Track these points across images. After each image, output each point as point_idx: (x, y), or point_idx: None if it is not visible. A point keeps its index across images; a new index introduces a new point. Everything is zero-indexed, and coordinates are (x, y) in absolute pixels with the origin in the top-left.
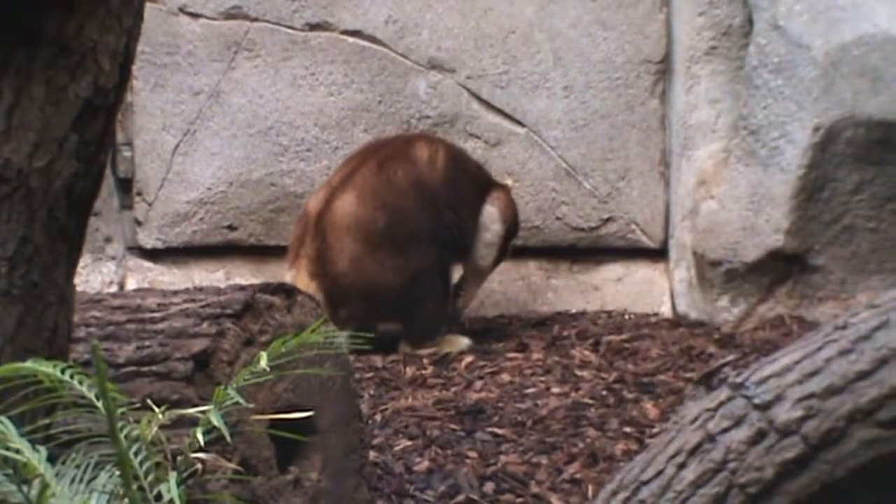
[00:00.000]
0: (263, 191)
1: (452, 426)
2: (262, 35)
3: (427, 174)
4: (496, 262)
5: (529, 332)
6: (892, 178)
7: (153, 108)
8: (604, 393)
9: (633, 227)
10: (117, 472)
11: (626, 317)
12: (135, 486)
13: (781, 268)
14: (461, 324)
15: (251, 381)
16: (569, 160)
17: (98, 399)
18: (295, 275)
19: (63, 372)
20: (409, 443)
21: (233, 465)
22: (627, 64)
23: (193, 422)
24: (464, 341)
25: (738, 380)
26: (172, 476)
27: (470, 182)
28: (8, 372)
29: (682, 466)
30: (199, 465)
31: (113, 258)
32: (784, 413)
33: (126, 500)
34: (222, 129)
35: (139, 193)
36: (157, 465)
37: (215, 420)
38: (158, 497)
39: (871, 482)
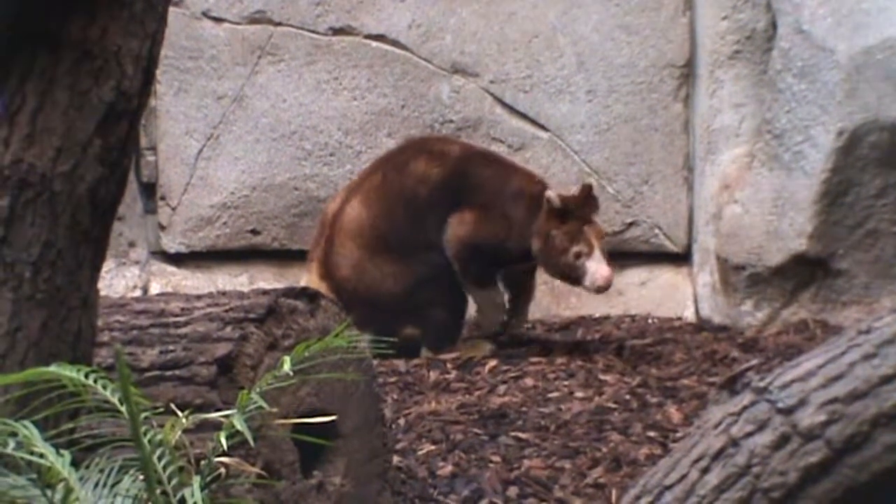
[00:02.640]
0: (287, 195)
1: (476, 430)
2: (285, 40)
3: (413, 186)
4: (472, 283)
5: (553, 336)
6: None
7: (177, 112)
8: (627, 397)
9: (657, 231)
10: (141, 477)
11: (650, 321)
12: (158, 491)
13: (805, 272)
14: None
15: (274, 386)
16: (592, 164)
17: (122, 403)
18: (308, 276)
19: (87, 376)
20: (432, 447)
21: (256, 470)
22: (651, 68)
23: (217, 426)
24: (486, 346)
25: (762, 384)
26: (196, 480)
27: (452, 197)
28: (32, 376)
29: (705, 471)
30: (222, 470)
31: (137, 263)
32: (808, 417)
33: None
34: (246, 133)
35: (163, 198)
36: (181, 469)
37: (239, 424)
38: (182, 501)
39: (895, 486)
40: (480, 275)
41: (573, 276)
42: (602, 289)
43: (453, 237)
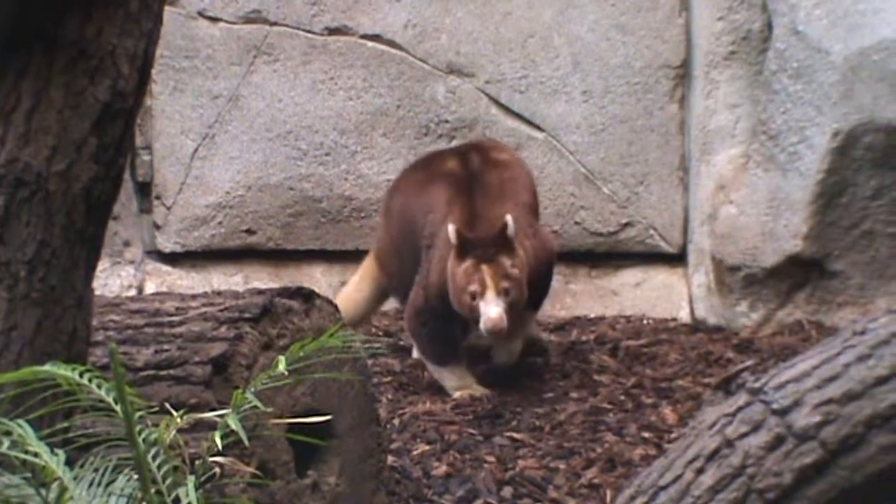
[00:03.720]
0: (282, 195)
1: (470, 431)
2: (281, 39)
3: (405, 204)
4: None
5: (548, 336)
6: None
7: (172, 112)
8: (622, 398)
9: (652, 232)
10: (135, 476)
11: (645, 322)
12: (153, 490)
13: (800, 273)
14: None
15: (269, 385)
16: (588, 165)
17: (116, 403)
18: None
19: (81, 375)
20: (427, 447)
21: (251, 469)
22: (646, 69)
23: (211, 426)
24: (480, 389)
25: (757, 385)
26: (190, 480)
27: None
28: (26, 375)
29: (700, 471)
30: (216, 469)
31: (131, 262)
32: (802, 418)
33: (144, 503)
34: (241, 133)
35: (158, 197)
36: (175, 468)
37: (233, 424)
38: (176, 501)
39: (890, 488)
40: (437, 349)
41: (472, 318)
42: (492, 333)
43: (426, 270)
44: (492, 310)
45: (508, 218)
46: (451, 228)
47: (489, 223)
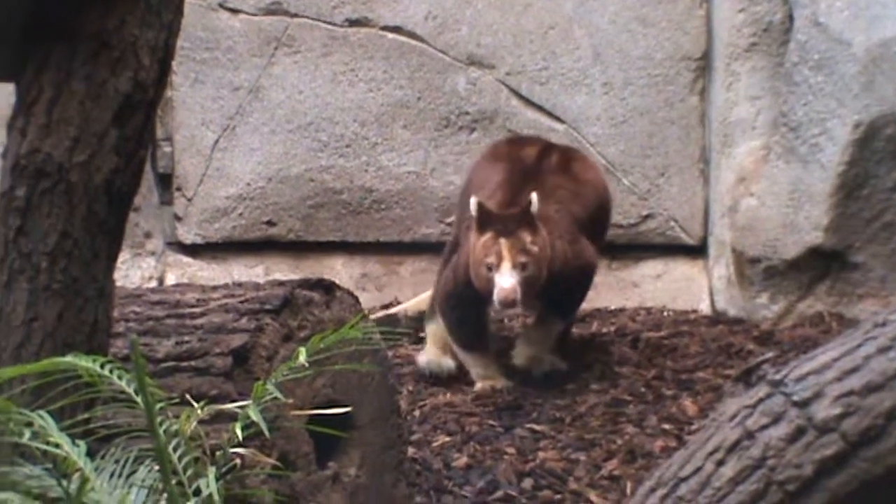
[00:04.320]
0: (302, 186)
1: (491, 422)
2: (301, 31)
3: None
4: (457, 345)
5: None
6: None
7: (193, 103)
8: (643, 389)
9: (673, 223)
10: (156, 467)
11: (665, 314)
12: (174, 481)
13: (821, 265)
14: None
15: (290, 377)
16: (608, 157)
17: (137, 394)
18: None
19: (102, 367)
20: (447, 439)
21: (271, 461)
22: (667, 60)
23: (232, 417)
24: (502, 381)
25: (777, 377)
26: (211, 471)
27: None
28: (48, 366)
29: (720, 463)
30: (237, 461)
31: (152, 253)
32: (823, 410)
33: (165, 494)
34: (262, 124)
35: (179, 189)
36: (196, 459)
37: (254, 415)
38: (197, 492)
39: None
40: (464, 334)
41: (488, 290)
42: (503, 304)
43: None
44: (505, 280)
45: (533, 195)
46: (472, 200)
47: None
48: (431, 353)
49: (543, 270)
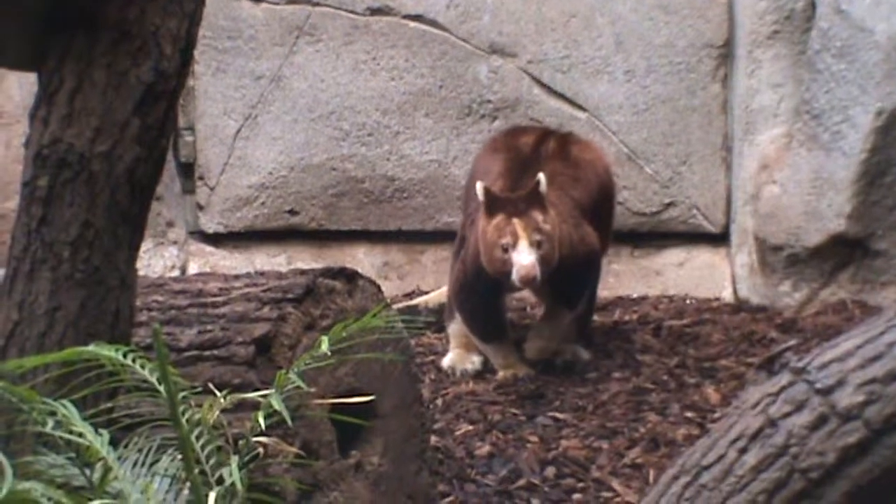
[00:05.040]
0: (324, 175)
1: (513, 410)
2: (323, 19)
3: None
4: (477, 337)
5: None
6: None
7: (215, 92)
8: (665, 378)
9: (695, 211)
10: (179, 456)
11: (688, 302)
12: (196, 470)
13: (843, 252)
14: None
15: (312, 366)
16: (630, 145)
17: (160, 383)
18: None
19: (125, 356)
20: (470, 427)
21: (294, 449)
22: (689, 48)
23: (255, 406)
24: (524, 369)
25: (800, 365)
26: (234, 460)
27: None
28: (71, 356)
29: (743, 451)
30: (260, 449)
31: (175, 243)
32: (846, 398)
33: (188, 483)
34: (284, 113)
35: (201, 178)
36: (219, 448)
37: (276, 404)
38: (220, 481)
39: None
40: (482, 325)
41: (505, 272)
42: (524, 281)
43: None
44: (524, 257)
45: (541, 175)
46: (478, 185)
47: None
48: (455, 354)
49: (556, 249)
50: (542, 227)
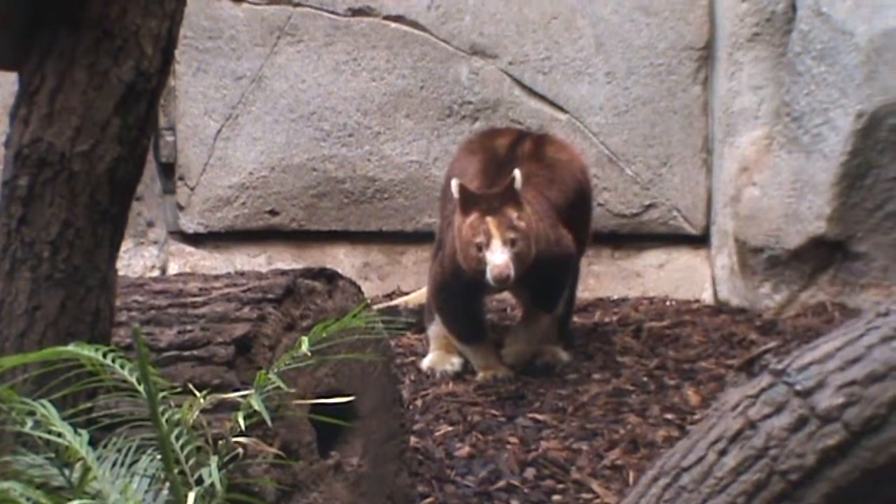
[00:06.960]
0: (305, 176)
1: (493, 412)
2: (304, 20)
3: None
4: (455, 338)
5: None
6: None
7: (195, 92)
8: (645, 379)
9: (675, 213)
10: (158, 456)
11: (668, 303)
12: (176, 470)
13: (823, 255)
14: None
15: (292, 366)
16: (611, 146)
17: (139, 383)
18: None
19: (105, 356)
20: (449, 428)
21: (274, 450)
22: (670, 50)
23: (235, 406)
24: (503, 370)
25: (780, 366)
26: (213, 460)
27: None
28: (50, 355)
29: (722, 453)
30: (240, 450)
31: (155, 243)
32: (825, 400)
33: (167, 483)
34: (264, 114)
35: (181, 178)
36: (199, 449)
37: (256, 404)
38: (199, 481)
39: None
40: (461, 326)
41: (479, 270)
42: (497, 280)
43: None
44: (498, 257)
45: (516, 172)
46: (453, 182)
47: None
48: (435, 355)
49: (532, 247)
50: (516, 224)
